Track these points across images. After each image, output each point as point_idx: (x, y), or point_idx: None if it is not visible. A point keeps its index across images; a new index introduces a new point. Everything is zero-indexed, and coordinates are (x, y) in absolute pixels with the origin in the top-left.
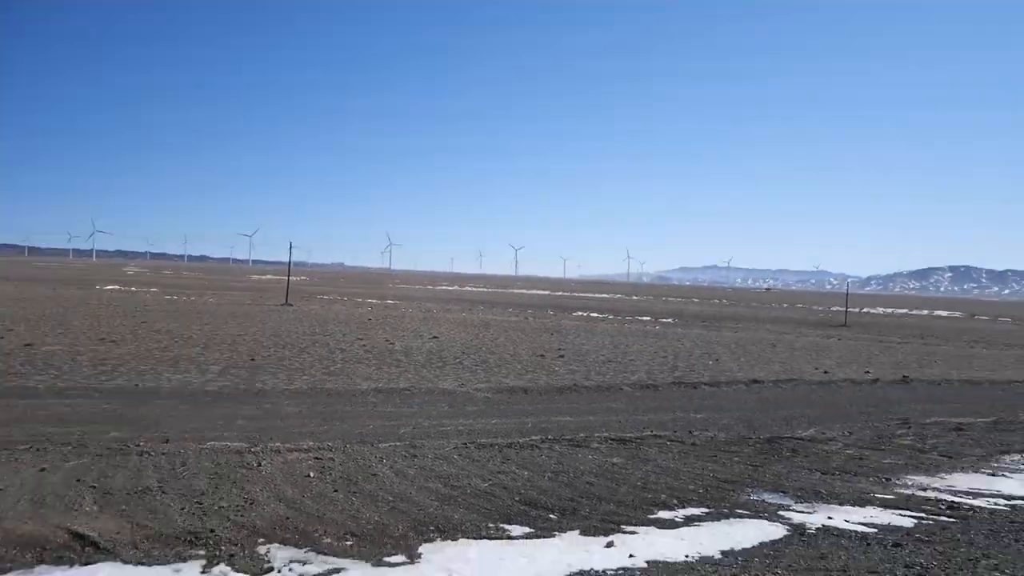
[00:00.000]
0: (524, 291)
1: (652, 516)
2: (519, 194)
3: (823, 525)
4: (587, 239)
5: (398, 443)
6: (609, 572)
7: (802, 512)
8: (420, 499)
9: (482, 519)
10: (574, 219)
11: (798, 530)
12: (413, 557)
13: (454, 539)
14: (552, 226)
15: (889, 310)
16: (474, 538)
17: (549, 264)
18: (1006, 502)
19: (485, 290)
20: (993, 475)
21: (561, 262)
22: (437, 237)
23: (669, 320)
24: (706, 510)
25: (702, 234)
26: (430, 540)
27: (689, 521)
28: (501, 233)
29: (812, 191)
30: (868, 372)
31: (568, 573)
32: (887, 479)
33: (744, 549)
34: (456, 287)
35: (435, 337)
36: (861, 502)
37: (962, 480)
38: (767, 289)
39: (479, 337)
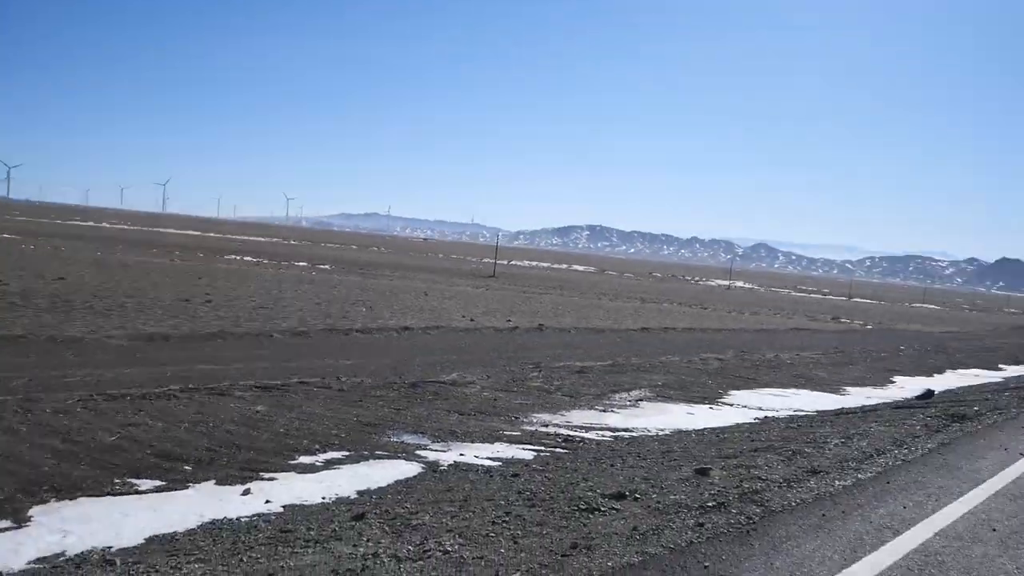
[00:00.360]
0: (173, 230)
1: (293, 462)
2: (169, 124)
3: (455, 461)
4: (245, 179)
5: (8, 397)
6: (244, 519)
7: (437, 451)
8: (33, 458)
9: (107, 475)
10: (231, 157)
11: (432, 467)
12: (21, 521)
13: (72, 498)
14: (206, 162)
15: (534, 263)
16: (96, 495)
17: (202, 203)
18: (611, 433)
19: (126, 227)
20: (604, 411)
21: (215, 201)
22: (69, 166)
23: (326, 267)
24: (347, 453)
25: (364, 181)
26: (43, 501)
27: (329, 465)
28: (147, 166)
29: (471, 147)
30: (510, 320)
31: (200, 523)
32: (516, 418)
33: (379, 488)
34: (91, 223)
35: (61, 278)
36: (491, 439)
37: (579, 416)
38: (424, 239)
39: (115, 280)
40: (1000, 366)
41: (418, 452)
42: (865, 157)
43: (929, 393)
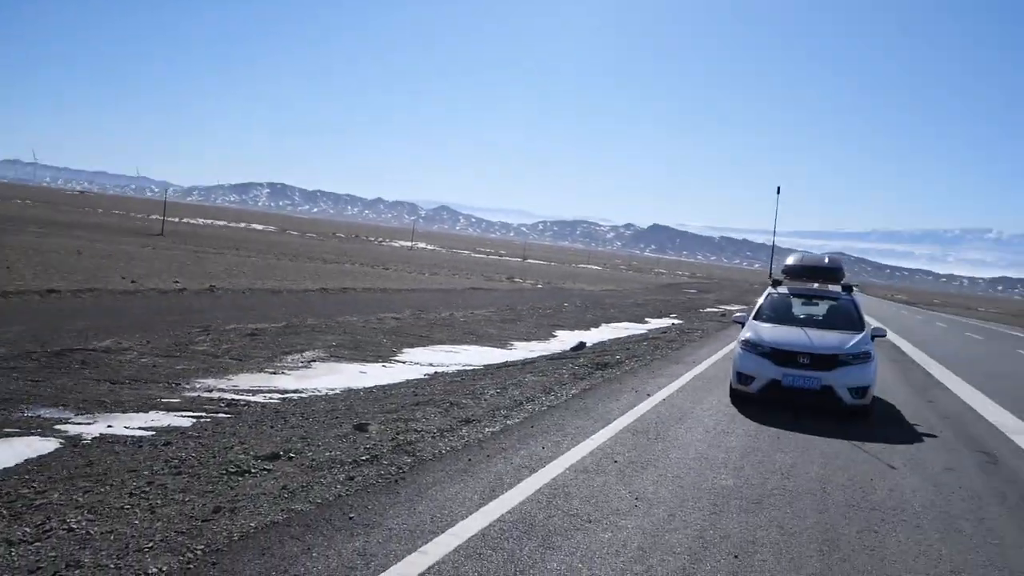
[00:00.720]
0: None
1: None
2: None
3: (101, 434)
4: None
5: None
6: None
7: (81, 424)
8: None
9: None
10: None
11: (72, 441)
12: None
13: None
14: None
15: (209, 221)
16: None
17: None
18: (279, 395)
19: None
20: (275, 373)
21: None
22: None
23: None
24: None
25: (2, 122)
26: None
27: None
28: None
29: (136, 92)
30: (178, 282)
31: None
32: (177, 384)
33: (5, 469)
34: None
35: None
36: (146, 408)
37: (247, 380)
38: (81, 192)
39: None
40: (646, 319)
41: (58, 427)
42: (538, 128)
43: (581, 345)
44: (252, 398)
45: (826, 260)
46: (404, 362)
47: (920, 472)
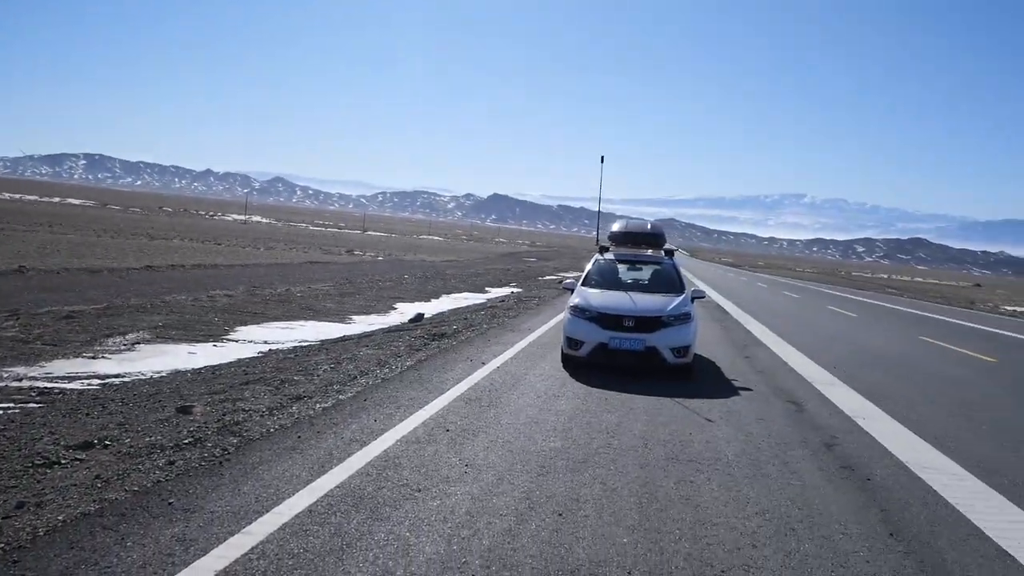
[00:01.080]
0: None
1: None
2: None
3: None
4: None
5: None
6: None
7: None
8: None
9: None
10: None
11: None
12: None
13: None
14: None
15: (17, 196)
16: None
17: None
18: (99, 381)
19: None
20: (94, 358)
21: None
22: None
23: None
24: None
25: None
26: None
27: None
28: None
29: None
30: None
31: None
32: None
33: None
34: None
35: None
36: None
37: (62, 366)
38: None
39: None
40: (486, 289)
41: None
42: (374, 98)
43: (420, 316)
44: (68, 385)
45: (648, 226)
46: (237, 341)
47: (734, 423)
